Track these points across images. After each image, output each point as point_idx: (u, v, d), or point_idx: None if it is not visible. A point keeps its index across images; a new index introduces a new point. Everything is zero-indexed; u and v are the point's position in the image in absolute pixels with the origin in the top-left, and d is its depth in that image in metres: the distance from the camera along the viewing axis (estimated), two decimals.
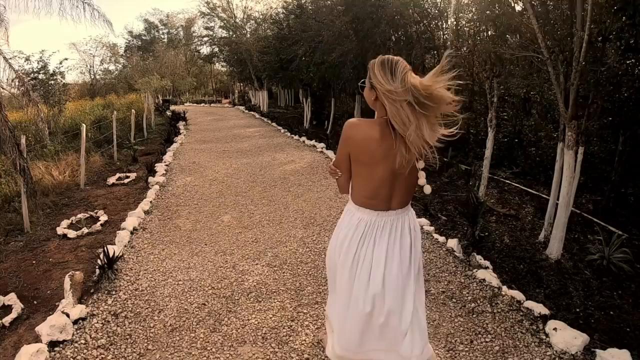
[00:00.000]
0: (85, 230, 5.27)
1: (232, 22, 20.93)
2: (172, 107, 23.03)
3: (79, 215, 5.91)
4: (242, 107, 24.70)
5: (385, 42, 10.62)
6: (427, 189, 1.91)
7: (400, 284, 1.94)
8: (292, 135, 12.45)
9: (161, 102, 24.52)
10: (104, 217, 5.79)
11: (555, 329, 2.96)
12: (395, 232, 1.92)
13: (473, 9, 9.48)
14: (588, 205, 6.03)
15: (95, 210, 6.09)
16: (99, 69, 33.78)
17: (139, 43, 38.74)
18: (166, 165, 8.53)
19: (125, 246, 4.47)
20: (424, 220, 5.17)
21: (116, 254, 3.94)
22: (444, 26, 11.54)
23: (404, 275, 1.95)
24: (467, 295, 3.50)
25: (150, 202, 6.01)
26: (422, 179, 1.90)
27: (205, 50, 31.74)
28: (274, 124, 15.63)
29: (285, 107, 24.76)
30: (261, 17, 21.89)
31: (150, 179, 7.17)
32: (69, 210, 6.34)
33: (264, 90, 21.11)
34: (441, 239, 4.65)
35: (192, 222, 5.24)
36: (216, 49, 27.08)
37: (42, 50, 12.99)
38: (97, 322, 3.08)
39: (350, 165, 1.90)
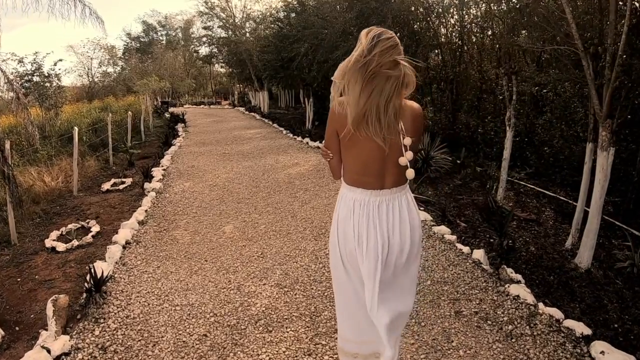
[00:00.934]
0: (75, 242, 4.88)
1: (231, 21, 20.50)
2: (171, 109, 22.60)
3: (70, 226, 5.51)
4: (242, 109, 24.29)
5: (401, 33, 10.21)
6: (409, 174, 1.78)
7: (400, 270, 1.91)
8: (295, 137, 12.02)
9: (160, 104, 24.05)
10: (95, 228, 5.40)
11: (602, 352, 2.64)
12: (394, 214, 1.84)
13: (483, 4, 9.10)
14: (608, 207, 5.63)
15: (87, 220, 5.69)
16: (97, 72, 33.35)
17: (138, 45, 38.42)
18: (163, 169, 8.10)
19: (116, 263, 4.05)
20: (444, 229, 4.76)
21: (105, 274, 3.51)
22: (448, 23, 11.18)
23: (404, 262, 1.90)
24: (502, 315, 3.11)
25: (146, 211, 5.59)
26: (403, 158, 1.77)
27: (204, 50, 31.42)
28: (275, 125, 15.19)
29: (285, 107, 24.40)
30: (260, 16, 21.53)
31: (147, 185, 6.74)
32: (59, 220, 5.96)
33: (265, 91, 20.69)
34: (465, 249, 4.23)
35: (190, 234, 4.81)
36: (215, 50, 26.71)
37: (36, 52, 12.55)
38: (83, 359, 2.64)
39: (339, 145, 1.85)
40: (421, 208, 5.55)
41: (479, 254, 4.06)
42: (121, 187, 7.42)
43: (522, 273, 3.83)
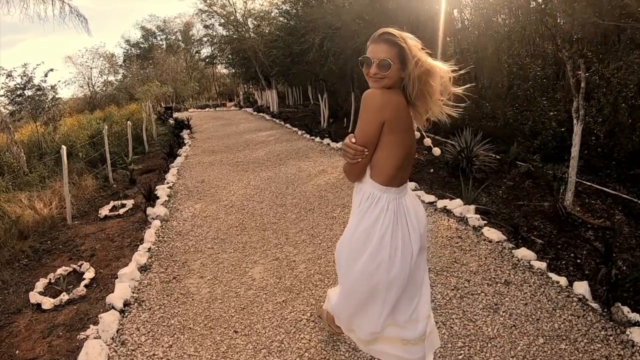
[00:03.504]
0: (64, 297, 3.79)
1: (233, 18, 19.27)
2: (176, 114, 21.40)
3: (60, 271, 4.41)
4: (249, 109, 23.06)
5: (412, 22, 9.02)
6: (436, 151, 2.06)
7: (422, 264, 1.96)
8: (313, 138, 10.78)
9: (163, 109, 22.90)
10: (89, 273, 4.31)
11: None
12: (414, 206, 1.88)
13: None
14: None
15: (80, 263, 4.56)
16: (97, 81, 32.35)
17: (138, 51, 37.39)
18: (169, 187, 6.93)
19: (112, 340, 2.87)
20: (527, 253, 3.77)
21: None
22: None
23: (424, 250, 1.95)
24: None
25: (149, 249, 4.41)
26: (428, 139, 2.01)
27: (205, 51, 30.33)
28: (288, 125, 13.92)
29: (294, 105, 23.28)
30: (262, 13, 20.32)
31: (150, 210, 5.56)
32: (50, 260, 4.87)
33: (273, 90, 19.43)
34: (561, 280, 3.30)
35: (208, 284, 3.62)
36: (217, 51, 25.59)
37: (25, 64, 11.44)
38: None
39: (378, 141, 1.75)
40: (484, 222, 4.51)
41: (582, 287, 3.18)
42: (121, 211, 6.28)
43: (628, 304, 2.90)
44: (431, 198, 5.46)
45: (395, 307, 1.89)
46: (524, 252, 3.75)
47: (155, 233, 4.82)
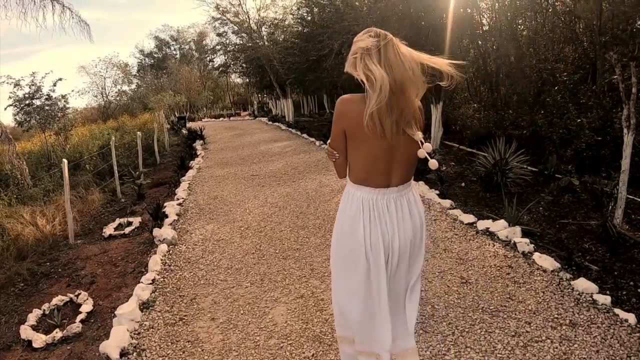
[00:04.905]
0: (58, 333, 3.32)
1: (246, 25, 18.88)
2: (189, 124, 21.00)
3: (55, 301, 3.92)
4: (264, 119, 22.58)
5: (438, 23, 8.46)
6: (433, 164, 1.77)
7: (408, 266, 1.94)
8: None
9: (176, 119, 22.54)
10: (87, 306, 3.85)
11: None
12: (403, 211, 1.84)
13: None
14: None
15: (78, 292, 4.06)
16: (111, 91, 32.24)
17: (152, 61, 37.38)
18: (179, 203, 6.37)
19: None
20: (588, 285, 3.26)
21: None
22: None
23: (413, 258, 1.94)
24: None
25: (153, 280, 3.82)
26: (422, 150, 1.77)
27: (219, 59, 30.07)
28: (304, 135, 13.31)
29: (310, 114, 22.78)
30: (275, 21, 19.95)
31: (156, 231, 4.99)
32: (47, 286, 4.42)
33: (289, 99, 18.91)
34: (630, 318, 2.83)
35: (221, 329, 3.01)
36: (230, 60, 25.26)
37: (33, 73, 11.07)
38: None
39: (345, 144, 1.83)
40: (531, 244, 3.99)
41: None
42: (127, 230, 5.75)
43: None
44: (470, 218, 4.84)
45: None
46: (584, 284, 3.26)
47: (161, 260, 4.24)
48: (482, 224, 4.64)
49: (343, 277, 1.95)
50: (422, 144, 1.76)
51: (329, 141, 1.93)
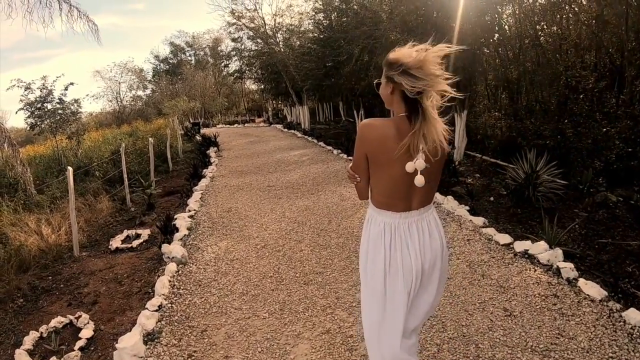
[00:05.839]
0: None
1: (262, 30, 18.62)
2: (203, 130, 20.75)
3: (54, 322, 3.61)
4: (279, 126, 22.26)
5: (460, 30, 8.02)
6: (419, 181, 1.70)
7: (431, 289, 1.94)
8: (351, 158, 9.75)
9: (190, 125, 22.32)
10: (87, 331, 3.52)
11: None
12: (424, 233, 1.85)
13: None
14: None
15: (78, 314, 3.70)
16: (126, 96, 32.35)
17: (167, 67, 37.50)
18: (190, 216, 5.98)
19: None
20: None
21: None
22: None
23: (435, 279, 1.93)
24: None
25: (160, 305, 3.42)
26: (410, 164, 1.70)
27: (234, 65, 29.95)
28: (321, 143, 12.88)
29: (325, 122, 22.40)
30: (291, 27, 19.67)
31: (165, 248, 4.60)
32: (47, 302, 4.11)
33: (305, 106, 18.56)
34: None
35: None
36: (245, 66, 25.05)
37: (44, 76, 10.88)
38: None
39: (367, 168, 1.84)
40: (577, 271, 3.62)
41: None
42: (135, 243, 5.40)
43: None
44: (506, 239, 4.38)
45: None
46: (636, 316, 2.92)
47: (169, 282, 3.84)
48: (520, 246, 4.18)
49: (369, 303, 1.96)
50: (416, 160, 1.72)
51: (350, 165, 1.94)
